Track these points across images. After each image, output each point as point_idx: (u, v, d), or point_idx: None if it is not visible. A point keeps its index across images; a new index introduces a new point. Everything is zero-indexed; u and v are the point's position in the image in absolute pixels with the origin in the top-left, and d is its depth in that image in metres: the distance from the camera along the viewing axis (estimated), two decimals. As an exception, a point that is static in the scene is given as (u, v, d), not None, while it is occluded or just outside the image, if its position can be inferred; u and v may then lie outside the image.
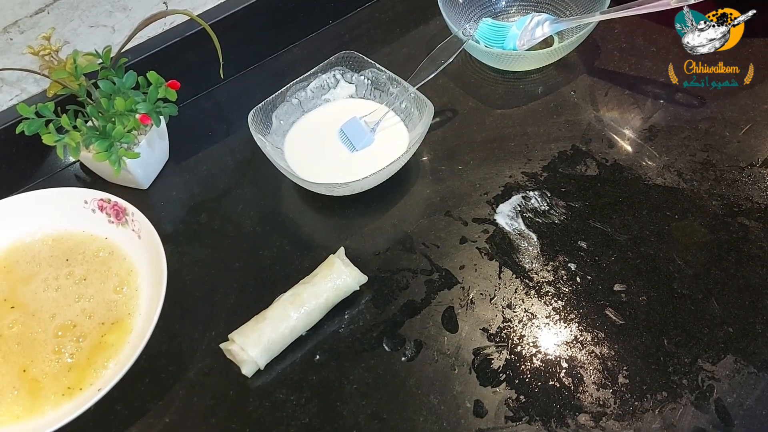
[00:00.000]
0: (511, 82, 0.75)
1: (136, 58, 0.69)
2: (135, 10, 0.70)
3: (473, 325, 0.56)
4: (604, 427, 0.49)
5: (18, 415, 0.52)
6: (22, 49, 0.64)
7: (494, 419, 0.50)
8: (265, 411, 0.53)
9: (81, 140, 0.60)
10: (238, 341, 0.53)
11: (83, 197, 0.62)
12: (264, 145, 0.64)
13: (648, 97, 0.71)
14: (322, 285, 0.56)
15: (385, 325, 0.56)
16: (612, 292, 0.56)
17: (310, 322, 0.56)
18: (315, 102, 0.71)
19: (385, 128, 0.68)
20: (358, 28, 0.83)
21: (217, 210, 0.67)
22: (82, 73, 0.61)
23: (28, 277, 0.60)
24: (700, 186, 0.62)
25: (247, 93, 0.77)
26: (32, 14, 0.65)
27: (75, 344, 0.56)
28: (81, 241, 0.62)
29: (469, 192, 0.65)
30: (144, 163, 0.66)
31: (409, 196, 0.65)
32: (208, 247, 0.64)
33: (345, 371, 0.54)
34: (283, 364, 0.55)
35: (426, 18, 0.82)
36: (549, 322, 0.55)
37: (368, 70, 0.70)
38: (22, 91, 0.68)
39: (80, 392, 0.53)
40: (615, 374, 0.52)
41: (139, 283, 0.59)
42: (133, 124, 0.61)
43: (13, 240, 0.62)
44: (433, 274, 0.59)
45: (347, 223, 0.64)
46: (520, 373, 0.52)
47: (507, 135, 0.69)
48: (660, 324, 0.54)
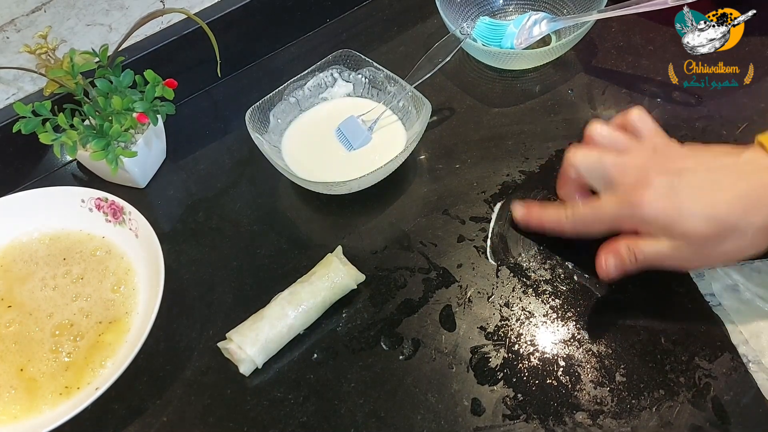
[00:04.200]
0: (508, 80, 0.75)
1: (133, 57, 0.69)
2: (132, 9, 0.70)
3: (471, 324, 0.56)
4: (602, 425, 0.49)
5: (15, 414, 0.52)
6: (18, 48, 0.64)
7: (492, 417, 0.50)
8: (263, 410, 0.53)
9: (78, 139, 0.60)
10: (235, 340, 0.53)
11: (80, 196, 0.62)
12: (261, 144, 0.64)
13: (645, 95, 0.71)
14: (319, 284, 0.56)
15: (382, 324, 0.56)
16: (609, 291, 0.56)
17: (307, 321, 0.56)
18: (312, 101, 0.71)
19: (382, 127, 0.68)
20: (356, 26, 0.83)
21: (214, 209, 0.67)
22: (79, 71, 0.61)
23: (25, 276, 0.60)
24: (697, 184, 0.62)
25: (245, 91, 0.77)
26: (29, 12, 0.65)
27: (72, 343, 0.56)
28: (78, 240, 0.62)
29: (466, 190, 0.65)
30: (141, 162, 0.66)
31: (407, 195, 0.65)
32: (205, 245, 0.64)
33: (343, 370, 0.54)
34: (280, 362, 0.55)
35: (423, 16, 0.82)
36: (546, 321, 0.55)
37: (366, 69, 0.70)
38: (18, 90, 0.68)
39: (78, 391, 0.53)
40: (612, 372, 0.52)
41: (136, 282, 0.59)
42: (131, 123, 0.61)
43: (10, 239, 0.62)
44: (431, 272, 0.59)
45: (345, 221, 0.64)
46: (518, 372, 0.53)
47: (504, 133, 0.69)
48: (657, 322, 0.54)
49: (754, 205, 0.47)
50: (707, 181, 0.48)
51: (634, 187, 0.49)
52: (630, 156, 0.52)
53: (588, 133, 0.55)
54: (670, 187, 0.48)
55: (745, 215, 0.47)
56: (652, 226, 0.49)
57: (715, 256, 0.49)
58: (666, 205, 0.48)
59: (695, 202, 0.47)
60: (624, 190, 0.50)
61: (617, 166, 0.51)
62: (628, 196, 0.50)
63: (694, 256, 0.49)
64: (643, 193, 0.49)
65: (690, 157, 0.50)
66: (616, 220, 0.52)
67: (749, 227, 0.47)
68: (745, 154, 0.49)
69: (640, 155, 0.51)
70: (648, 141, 0.53)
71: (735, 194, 0.47)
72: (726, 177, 0.48)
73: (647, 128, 0.54)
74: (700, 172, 0.49)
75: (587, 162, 0.53)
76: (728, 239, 0.47)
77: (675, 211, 0.48)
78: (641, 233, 0.50)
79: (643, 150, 0.52)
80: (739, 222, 0.47)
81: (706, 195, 0.47)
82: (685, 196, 0.48)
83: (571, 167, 0.55)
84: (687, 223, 0.47)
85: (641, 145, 0.53)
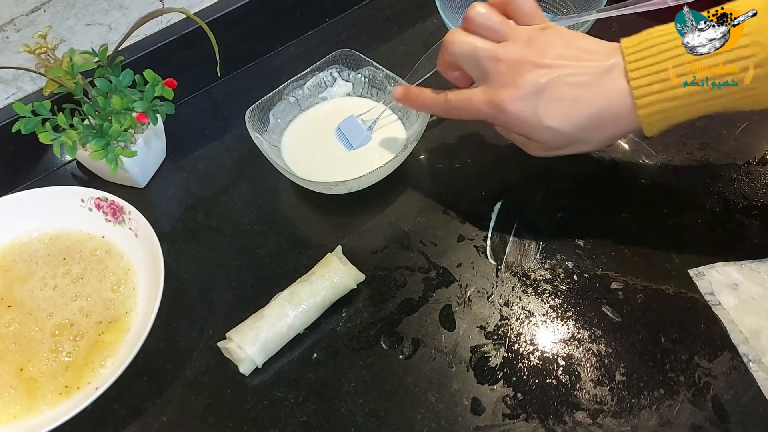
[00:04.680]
0: (508, 80, 0.75)
1: (133, 57, 0.69)
2: (131, 9, 0.70)
3: (471, 323, 0.56)
4: (602, 424, 0.49)
5: (15, 414, 0.52)
6: (18, 48, 0.64)
7: (492, 417, 0.50)
8: (263, 409, 0.53)
9: (77, 139, 0.60)
10: (235, 339, 0.53)
11: (80, 196, 0.62)
12: (261, 144, 0.64)
13: (645, 95, 0.71)
14: (319, 283, 0.56)
15: (382, 323, 0.56)
16: (609, 290, 0.56)
17: (307, 321, 0.56)
18: (312, 100, 0.71)
19: (382, 126, 0.68)
20: (355, 26, 0.83)
21: (214, 208, 0.67)
22: (78, 71, 0.61)
23: (25, 276, 0.60)
24: (697, 184, 0.63)
25: (244, 91, 0.77)
26: (28, 12, 0.65)
27: (72, 343, 0.56)
28: (78, 240, 0.62)
29: (466, 190, 0.65)
30: (141, 162, 0.66)
31: (407, 195, 0.65)
32: (205, 245, 0.64)
33: (343, 369, 0.54)
34: (280, 362, 0.55)
35: (423, 16, 0.82)
36: (546, 320, 0.55)
37: (365, 68, 0.70)
38: (18, 90, 0.68)
39: (78, 391, 0.53)
40: (612, 371, 0.52)
41: (136, 282, 0.59)
42: (130, 123, 0.61)
43: (10, 239, 0.62)
44: (431, 272, 0.59)
45: (345, 221, 0.64)
46: (518, 371, 0.53)
47: (504, 133, 0.69)
48: (657, 321, 0.54)
49: (602, 125, 0.51)
50: (568, 95, 0.51)
51: (502, 85, 0.52)
52: (504, 47, 0.53)
53: (467, 14, 0.56)
54: (533, 93, 0.51)
55: (592, 132, 0.52)
56: (512, 125, 0.54)
57: (558, 152, 0.55)
58: (526, 110, 0.52)
59: (552, 115, 0.51)
60: (492, 86, 0.53)
61: (490, 60, 0.53)
62: (494, 94, 0.53)
63: (539, 149, 0.56)
64: (507, 95, 0.52)
65: (560, 58, 0.52)
66: (483, 116, 0.55)
67: (593, 141, 0.53)
68: (608, 62, 0.50)
69: (514, 47, 0.53)
70: (525, 29, 0.54)
71: (589, 113, 0.51)
72: (585, 94, 0.51)
73: (527, 10, 0.55)
74: (563, 84, 0.51)
75: (462, 49, 0.55)
76: (574, 146, 0.54)
77: (533, 117, 0.52)
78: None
79: (518, 41, 0.53)
80: (586, 136, 0.53)
81: (564, 108, 0.51)
82: (545, 107, 0.51)
83: (447, 51, 0.56)
84: (542, 134, 0.53)
85: (517, 33, 0.54)
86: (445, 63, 0.58)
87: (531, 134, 0.54)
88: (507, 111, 0.52)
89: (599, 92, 0.50)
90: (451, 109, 0.57)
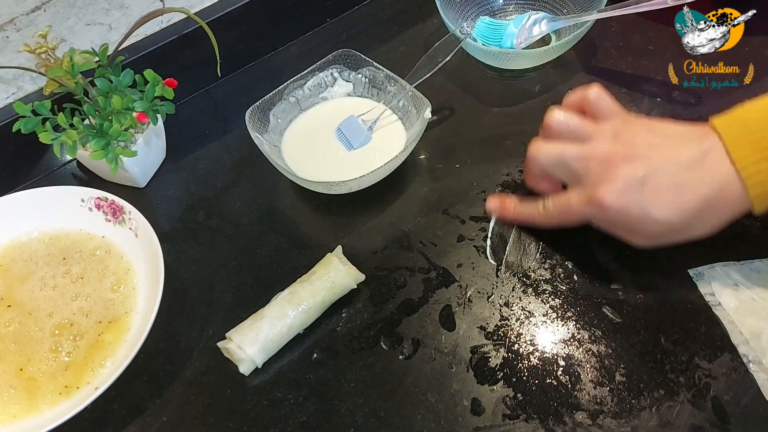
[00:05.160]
0: (508, 80, 0.75)
1: (133, 56, 0.69)
2: (132, 8, 0.70)
3: (471, 324, 0.56)
4: (602, 424, 0.49)
5: (15, 414, 0.52)
6: (18, 47, 0.64)
7: (491, 417, 0.50)
8: (263, 409, 0.53)
9: (78, 138, 0.60)
10: (235, 340, 0.53)
11: (80, 195, 0.62)
12: (261, 144, 0.64)
13: (645, 95, 0.71)
14: (319, 283, 0.56)
15: (382, 324, 0.56)
16: (609, 290, 0.56)
17: (307, 321, 0.56)
18: (312, 100, 0.71)
19: (382, 126, 0.68)
20: (356, 26, 0.83)
21: (214, 208, 0.67)
22: (78, 71, 0.61)
23: (25, 276, 0.60)
24: (697, 184, 0.62)
25: (245, 91, 0.77)
26: (29, 12, 0.65)
27: (72, 343, 0.56)
28: (78, 240, 0.62)
29: (466, 190, 0.65)
30: (141, 162, 0.66)
31: (407, 195, 0.65)
32: (205, 245, 0.64)
33: (342, 369, 0.54)
34: (280, 362, 0.55)
35: (423, 16, 0.82)
36: (546, 320, 0.55)
37: (366, 69, 0.70)
38: (18, 89, 0.67)
39: (77, 391, 0.53)
40: (612, 372, 0.52)
41: (136, 282, 0.59)
42: (130, 123, 0.61)
43: (10, 239, 0.62)
44: (431, 272, 0.59)
45: (345, 221, 0.64)
46: (518, 371, 0.53)
47: (504, 133, 0.69)
48: (657, 322, 0.54)
49: (711, 210, 0.49)
50: (671, 184, 0.49)
51: (598, 182, 0.50)
52: (591, 145, 0.52)
53: (546, 122, 0.55)
54: (632, 186, 0.49)
55: (702, 217, 0.49)
56: (616, 221, 0.51)
57: (665, 241, 0.52)
58: (628, 203, 0.49)
59: (659, 206, 0.49)
60: (588, 185, 0.51)
61: (579, 160, 0.52)
62: (592, 192, 0.50)
63: (645, 240, 0.53)
64: (605, 190, 0.50)
65: (651, 148, 0.50)
66: (585, 217, 0.53)
67: (702, 227, 0.50)
68: (704, 145, 0.49)
69: (601, 145, 0.51)
70: (607, 124, 0.53)
71: (697, 200, 0.48)
72: (689, 180, 0.49)
73: (605, 107, 0.54)
74: (663, 173, 0.49)
75: (549, 157, 0.54)
76: (683, 233, 0.51)
77: (637, 210, 0.49)
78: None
79: (604, 137, 0.52)
80: (695, 223, 0.50)
81: (670, 198, 0.49)
82: (648, 198, 0.49)
83: (533, 164, 0.55)
84: (648, 226, 0.50)
85: (601, 130, 0.52)
86: (532, 176, 0.57)
87: (636, 227, 0.51)
88: (608, 206, 0.50)
89: (703, 177, 0.48)
90: (550, 216, 0.55)
